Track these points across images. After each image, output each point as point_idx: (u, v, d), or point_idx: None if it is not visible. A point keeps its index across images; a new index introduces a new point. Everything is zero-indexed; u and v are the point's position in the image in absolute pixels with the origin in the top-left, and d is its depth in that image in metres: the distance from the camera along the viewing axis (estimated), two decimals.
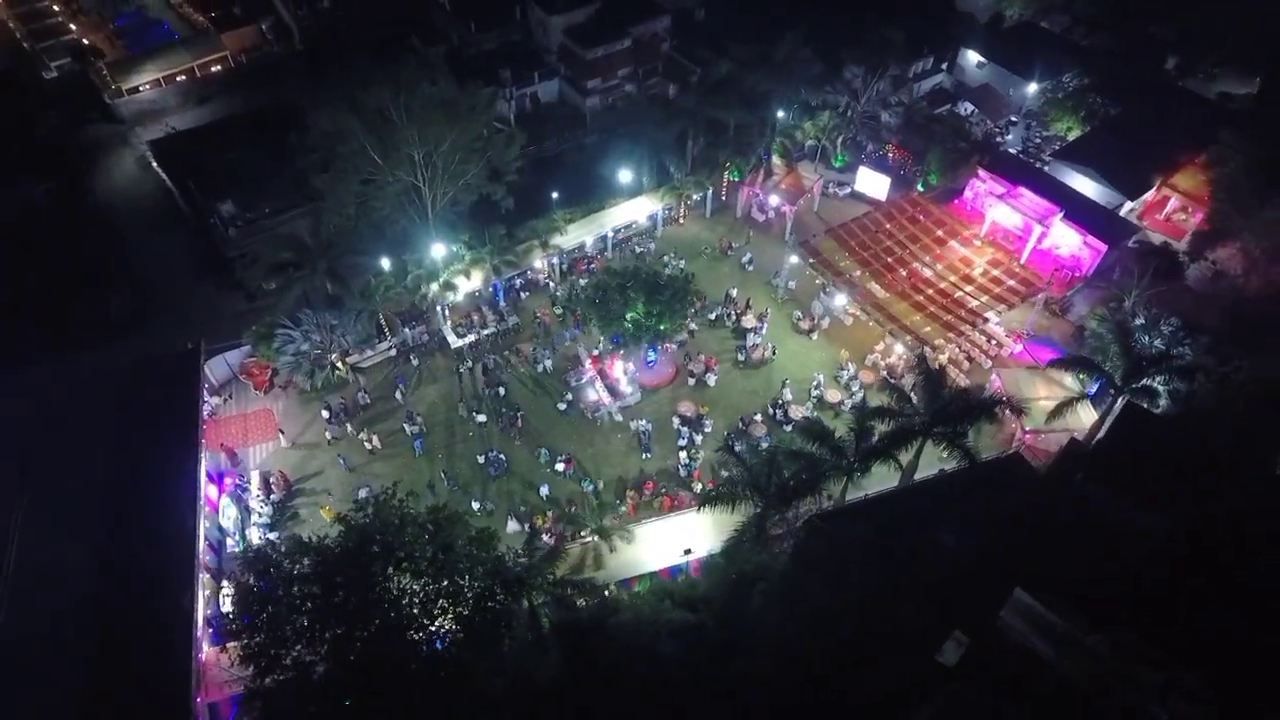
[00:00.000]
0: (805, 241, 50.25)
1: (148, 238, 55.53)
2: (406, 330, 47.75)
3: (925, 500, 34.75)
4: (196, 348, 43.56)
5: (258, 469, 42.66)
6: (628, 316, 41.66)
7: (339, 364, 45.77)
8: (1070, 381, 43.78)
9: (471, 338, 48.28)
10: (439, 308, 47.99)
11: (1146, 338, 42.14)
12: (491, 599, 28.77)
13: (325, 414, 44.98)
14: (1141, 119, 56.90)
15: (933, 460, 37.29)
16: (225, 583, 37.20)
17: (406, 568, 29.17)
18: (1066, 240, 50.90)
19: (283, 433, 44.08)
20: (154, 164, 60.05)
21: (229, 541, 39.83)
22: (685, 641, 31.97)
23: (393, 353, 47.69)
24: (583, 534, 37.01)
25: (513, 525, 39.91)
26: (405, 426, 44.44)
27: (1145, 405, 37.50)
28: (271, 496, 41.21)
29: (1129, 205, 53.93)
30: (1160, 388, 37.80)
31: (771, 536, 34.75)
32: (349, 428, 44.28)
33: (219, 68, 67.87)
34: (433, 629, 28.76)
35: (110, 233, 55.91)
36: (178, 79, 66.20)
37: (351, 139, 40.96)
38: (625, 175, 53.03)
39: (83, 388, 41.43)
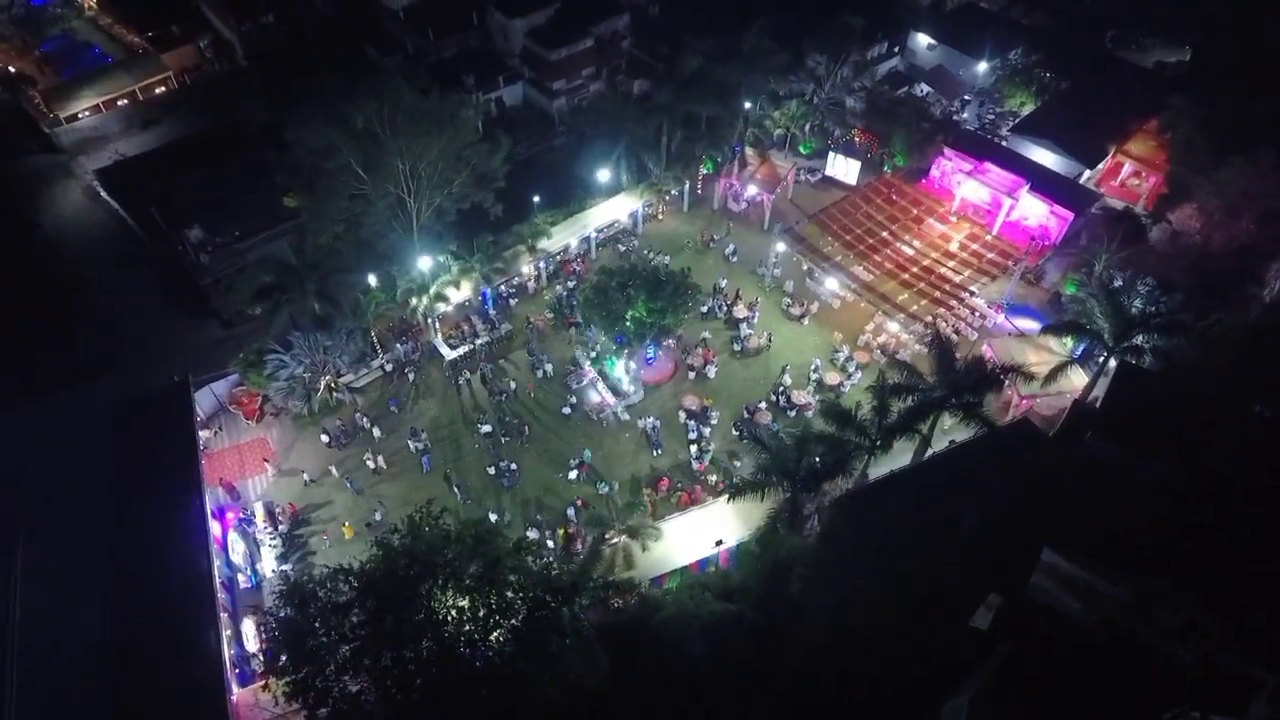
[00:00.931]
0: (790, 229, 50.90)
1: (107, 272, 53.05)
2: (399, 346, 46.72)
3: (944, 472, 35.58)
4: (184, 380, 41.83)
5: (260, 500, 41.24)
6: (630, 315, 41.57)
7: (331, 386, 44.49)
8: (1056, 346, 45.50)
9: (465, 349, 47.54)
10: (430, 320, 47.13)
11: (1124, 298, 43.97)
12: (545, 608, 28.41)
13: (324, 438, 43.75)
14: (1090, 90, 59.41)
15: (937, 434, 38.40)
16: (248, 620, 35.94)
17: (453, 585, 28.63)
18: (1034, 211, 52.75)
19: (268, 462, 42.60)
20: (103, 194, 57.41)
21: (240, 579, 38.43)
22: (728, 632, 32.20)
23: (388, 367, 46.60)
24: (611, 535, 36.79)
25: (532, 534, 39.46)
26: (409, 443, 43.54)
27: (1135, 362, 39.15)
28: (280, 528, 39.87)
29: (1087, 174, 56.21)
30: (1147, 345, 39.51)
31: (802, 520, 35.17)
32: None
33: (162, 89, 65.20)
34: (485, 644, 28.27)
35: (65, 269, 53.28)
36: (119, 103, 63.34)
37: (336, 155, 39.77)
38: (603, 174, 52.93)
39: (68, 432, 39.53)
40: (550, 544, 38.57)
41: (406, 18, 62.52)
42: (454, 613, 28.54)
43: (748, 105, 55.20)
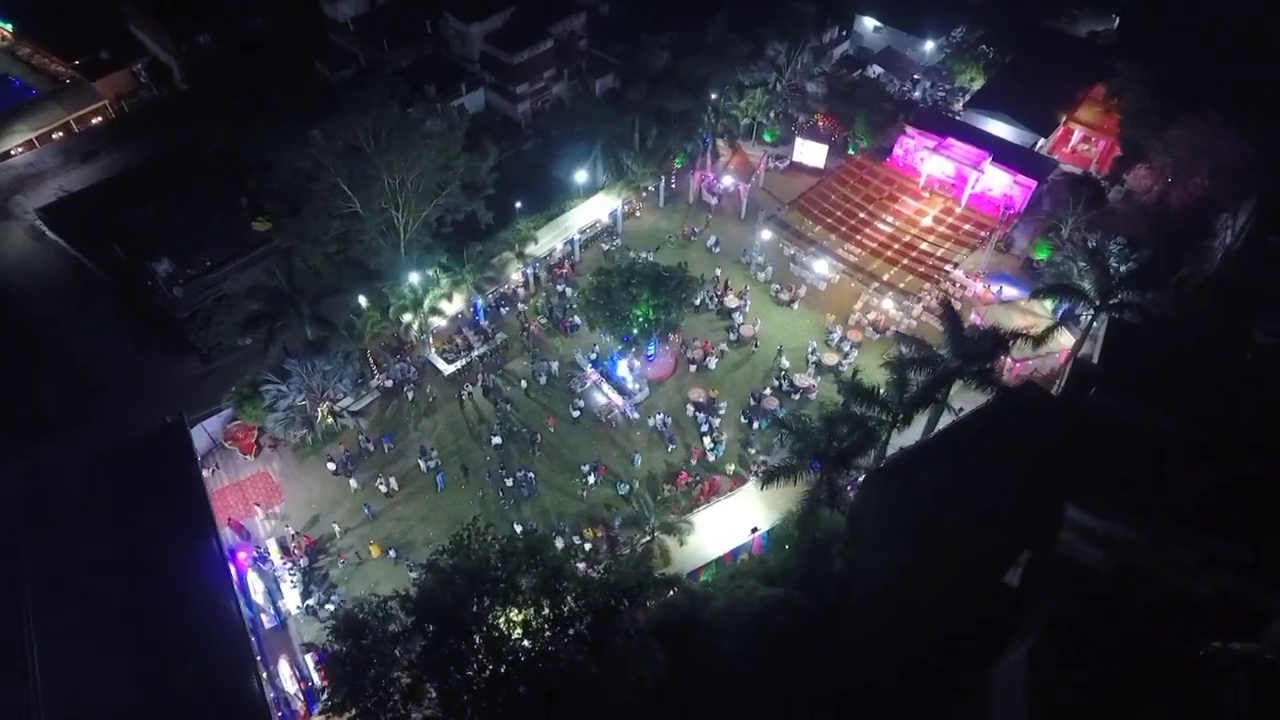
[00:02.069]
0: (773, 216, 51.60)
1: (66, 314, 50.13)
2: (399, 366, 45.65)
3: (963, 440, 36.74)
4: (179, 420, 40.00)
5: (271, 537, 39.80)
6: (636, 313, 41.56)
7: (333, 412, 43.17)
8: (1040, 309, 47.42)
9: (462, 362, 46.77)
10: (425, 336, 46.18)
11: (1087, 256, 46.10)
12: (610, 611, 28.28)
13: (330, 466, 42.48)
14: (1035, 62, 61.89)
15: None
16: (283, 661, 34.73)
17: (513, 600, 28.26)
18: (998, 181, 54.66)
19: (258, 504, 41.07)
20: (49, 233, 54.30)
21: (264, 619, 37.05)
22: (782, 619, 32.60)
23: (388, 384, 45.48)
24: (644, 533, 36.80)
25: (559, 543, 39.13)
26: (420, 462, 42.64)
27: (1120, 318, 41.12)
28: (300, 562, 38.57)
29: (1041, 142, 58.57)
30: (1130, 301, 41.46)
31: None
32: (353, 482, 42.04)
33: (99, 119, 61.97)
34: (554, 655, 27.99)
35: (18, 315, 50.19)
36: (54, 137, 59.99)
37: (324, 174, 38.55)
38: (581, 175, 52.71)
39: (57, 486, 37.34)
40: (588, 547, 38.30)
41: (356, 30, 60.86)
42: (517, 628, 28.23)
43: (714, 97, 55.66)
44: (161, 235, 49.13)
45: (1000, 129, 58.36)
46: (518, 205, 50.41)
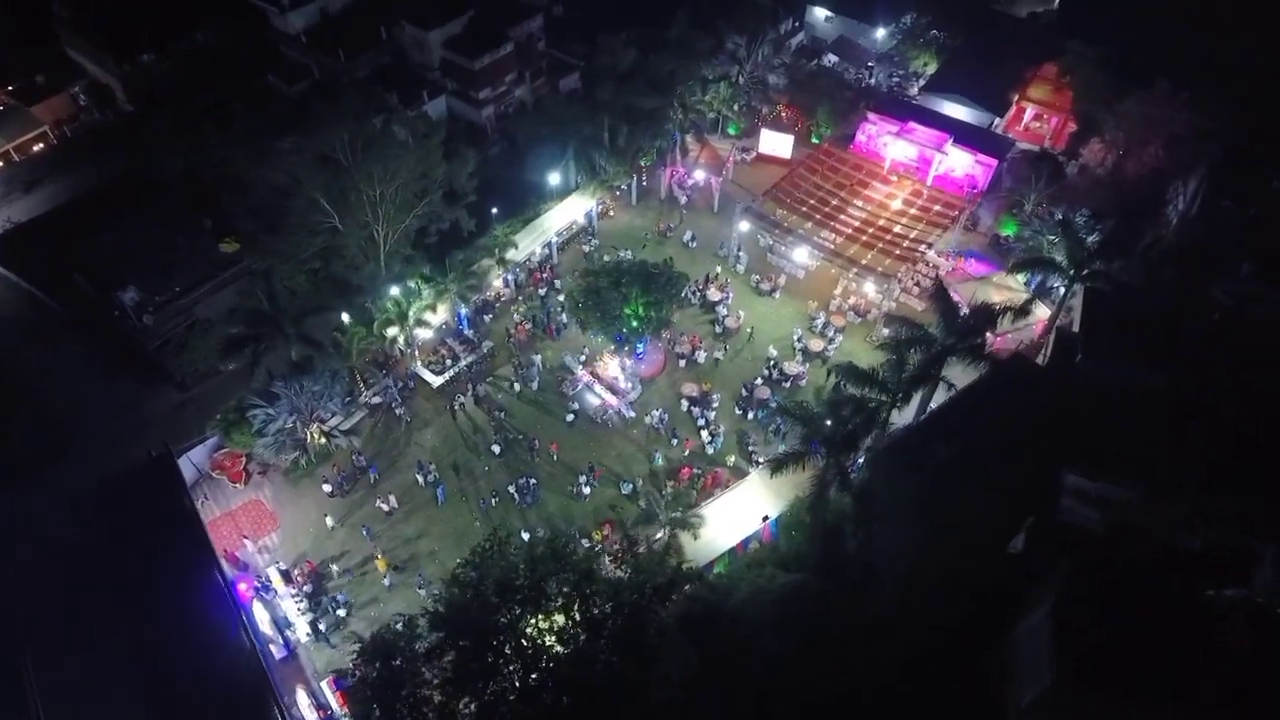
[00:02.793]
0: (750, 207, 52.07)
1: (25, 350, 47.94)
2: (390, 382, 44.82)
3: (960, 415, 37.76)
4: (165, 452, 38.60)
5: (271, 565, 38.71)
6: (628, 311, 41.54)
7: (325, 432, 42.17)
8: (1014, 283, 48.85)
9: (450, 373, 46.15)
10: (411, 349, 45.44)
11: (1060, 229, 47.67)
12: (642, 609, 28.27)
13: (326, 487, 41.56)
14: (984, 44, 63.64)
15: None
16: (300, 691, 33.86)
17: (544, 606, 28.08)
18: (960, 162, 56.04)
19: (247, 539, 39.89)
20: None
21: (273, 649, 36.06)
22: (804, 604, 33.00)
23: (376, 400, 44.63)
24: (658, 529, 36.84)
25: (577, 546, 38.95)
26: (418, 477, 41.97)
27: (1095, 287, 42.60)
28: (304, 588, 37.62)
29: (996, 122, 60.28)
30: (1103, 270, 42.97)
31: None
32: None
33: (40, 146, 59.34)
34: (589, 658, 27.87)
35: None
36: None
37: (302, 191, 37.58)
38: (554, 178, 52.48)
39: (42, 530, 35.71)
40: (608, 549, 38.19)
41: (309, 41, 59.42)
42: (549, 635, 28.06)
43: (680, 92, 55.87)
44: (125, 262, 47.29)
45: (957, 111, 59.84)
46: (493, 211, 49.87)
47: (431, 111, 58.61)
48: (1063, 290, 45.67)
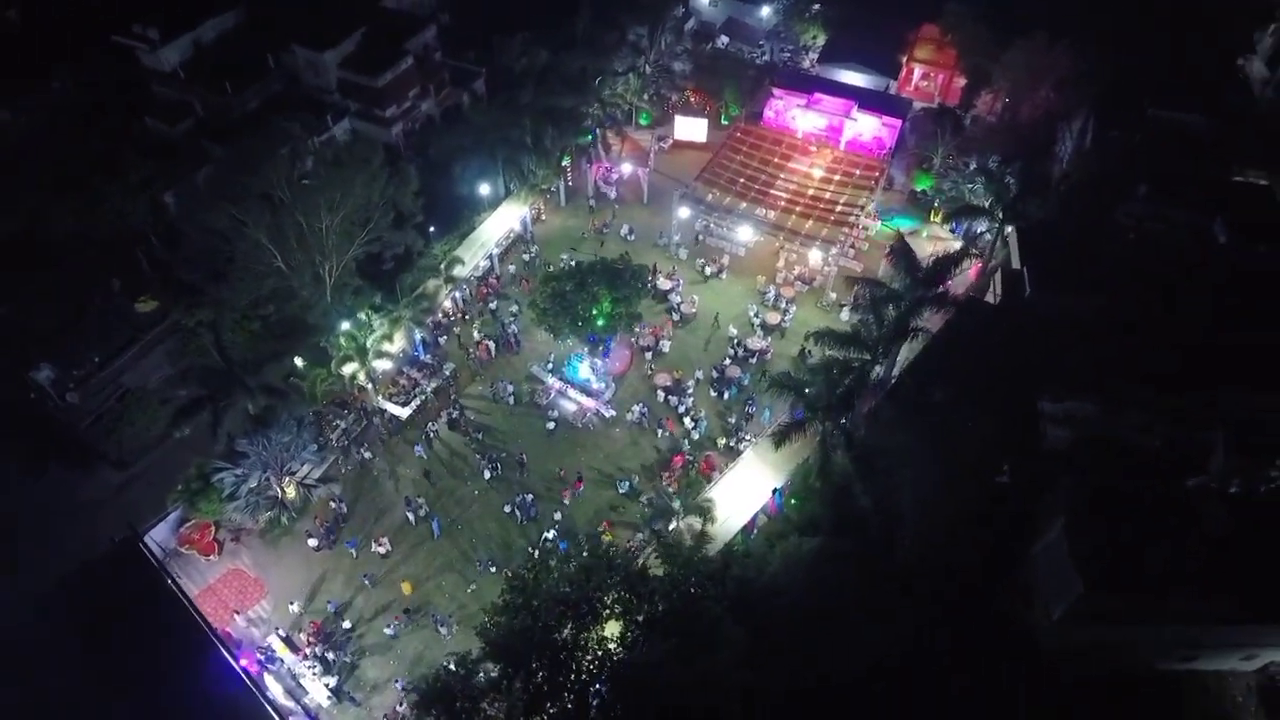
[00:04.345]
0: (685, 194, 52.52)
1: None
2: (341, 423, 42.62)
3: (936, 362, 39.63)
4: (131, 535, 35.31)
5: (272, 635, 36.19)
6: (597, 311, 41.18)
7: (293, 487, 39.65)
8: (942, 233, 51.59)
9: (416, 401, 44.37)
10: (371, 384, 43.33)
11: (981, 176, 50.82)
12: (700, 599, 28.30)
13: (311, 542, 39.17)
14: (865, 12, 66.41)
15: None
16: None
17: (603, 615, 27.66)
18: (867, 126, 58.59)
19: (238, 614, 37.23)
20: None
21: None
22: (833, 567, 33.85)
23: (345, 441, 42.38)
24: (672, 521, 36.81)
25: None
26: (408, 515, 40.23)
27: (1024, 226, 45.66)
28: (314, 650, 35.37)
29: (891, 84, 63.32)
30: (1025, 209, 46.12)
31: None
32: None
33: None
34: (656, 662, 27.65)
35: None
36: None
37: (248, 234, 35.08)
38: (484, 188, 51.28)
39: (18, 634, 31.93)
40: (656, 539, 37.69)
41: (188, 76, 55.30)
42: (611, 642, 27.67)
43: (595, 85, 55.70)
44: (29, 339, 42.71)
45: (854, 78, 62.46)
46: (431, 229, 48.16)
47: (338, 135, 55.98)
48: (988, 234, 48.71)
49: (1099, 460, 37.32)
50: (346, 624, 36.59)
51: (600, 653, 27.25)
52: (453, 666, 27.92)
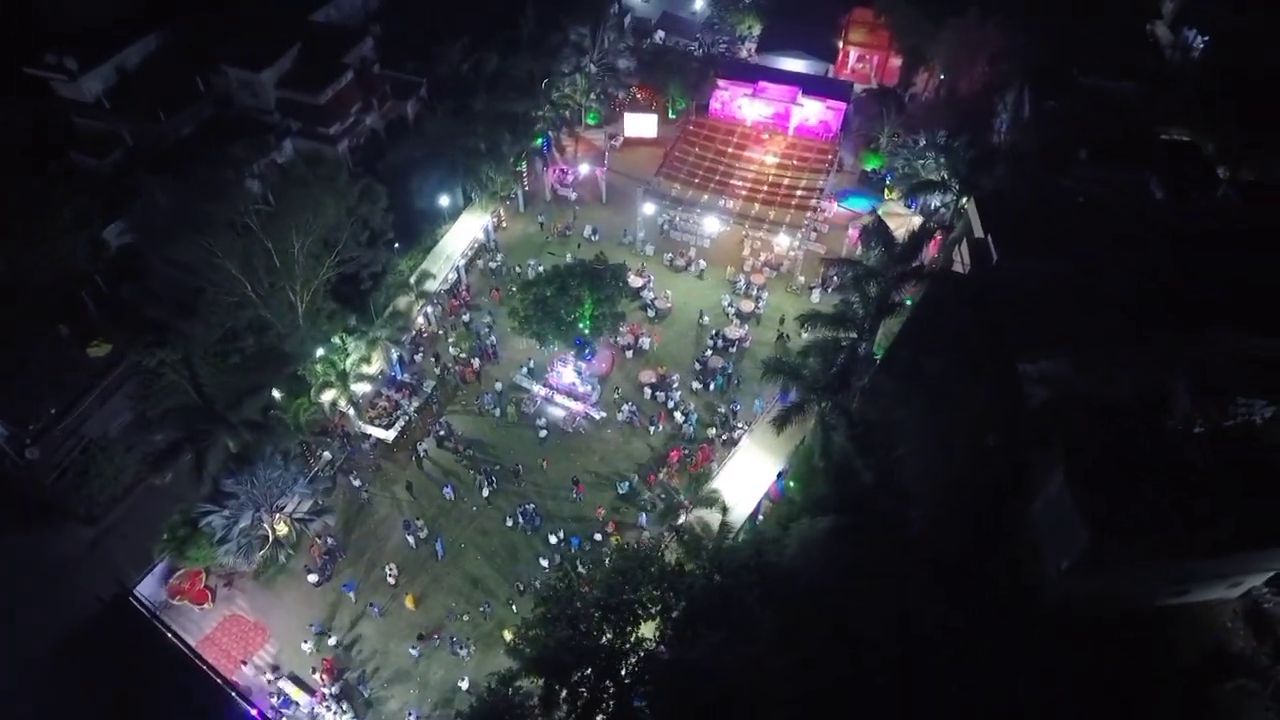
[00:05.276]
0: (648, 190, 52.53)
1: None
2: (326, 453, 41.26)
3: (918, 333, 40.71)
4: (121, 592, 33.40)
5: (284, 678, 34.76)
6: (582, 313, 40.87)
7: (286, 523, 38.14)
8: (900, 210, 52.95)
9: (401, 423, 43.23)
10: (352, 409, 42.02)
11: (932, 152, 52.39)
12: (733, 590, 28.44)
13: (312, 577, 37.78)
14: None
15: None
16: None
17: (640, 615, 27.54)
18: (812, 110, 59.74)
19: (244, 663, 35.60)
20: None
21: None
22: (845, 544, 34.46)
23: (332, 470, 41.00)
24: (681, 516, 36.84)
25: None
26: (408, 538, 39.20)
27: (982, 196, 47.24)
28: (331, 689, 34.12)
29: (829, 69, 64.68)
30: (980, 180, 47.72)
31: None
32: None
33: None
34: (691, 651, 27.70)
35: None
36: None
37: (219, 264, 33.50)
38: (443, 199, 50.29)
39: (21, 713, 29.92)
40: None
41: (113, 106, 52.45)
42: (651, 641, 27.61)
43: (543, 87, 55.25)
44: None
45: (794, 64, 63.57)
46: (395, 245, 46.89)
47: (279, 157, 53.95)
48: (944, 208, 50.24)
49: (1080, 415, 38.98)
50: (360, 655, 35.43)
51: (642, 653, 27.09)
52: (495, 686, 27.27)
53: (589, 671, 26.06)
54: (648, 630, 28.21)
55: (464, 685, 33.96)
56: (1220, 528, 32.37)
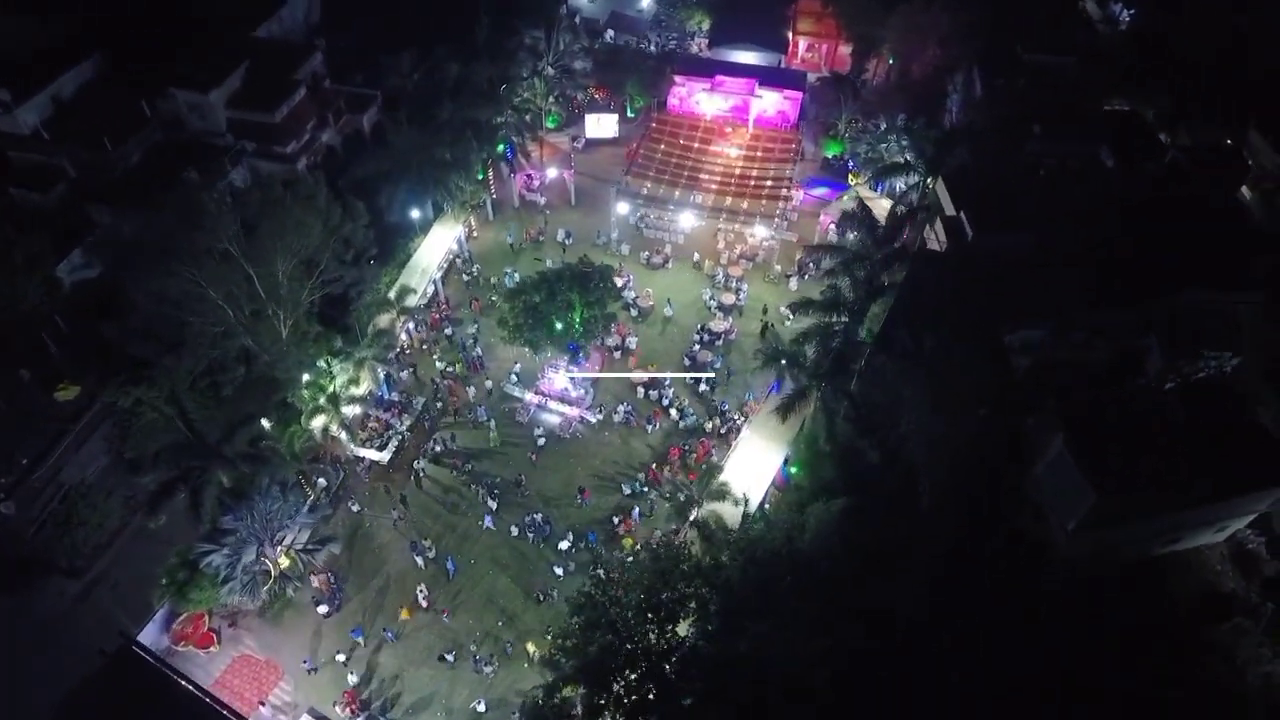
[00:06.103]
0: (621, 190, 52.43)
1: None
2: (321, 480, 40.17)
3: (906, 312, 41.56)
4: (126, 643, 31.91)
5: (306, 715, 33.72)
6: (573, 317, 40.59)
7: (290, 556, 36.95)
8: (866, 191, 53.99)
9: (395, 443, 42.33)
10: (344, 432, 40.93)
11: (894, 135, 53.56)
12: (770, 580, 28.64)
13: (322, 609, 36.70)
14: None
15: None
16: None
17: (679, 613, 27.55)
18: (770, 101, 60.42)
19: (262, 705, 34.40)
20: None
21: None
22: (856, 524, 35.02)
23: (328, 498, 39.93)
24: (693, 512, 36.95)
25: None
26: (416, 559, 38.41)
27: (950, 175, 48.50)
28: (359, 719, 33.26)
29: (781, 59, 65.50)
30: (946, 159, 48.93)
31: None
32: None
33: None
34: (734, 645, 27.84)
35: None
36: None
37: (206, 294, 32.21)
38: (414, 212, 49.34)
39: None
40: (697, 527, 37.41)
41: (53, 137, 49.95)
42: (690, 637, 27.66)
43: (504, 92, 54.63)
44: None
45: (747, 57, 64.16)
46: (371, 262, 45.80)
47: (237, 179, 52.17)
48: (908, 188, 51.36)
49: (1065, 379, 40.44)
50: (381, 683, 34.60)
51: (685, 651, 27.11)
52: (542, 699, 26.90)
53: (633, 676, 25.91)
54: (682, 628, 28.22)
55: (480, 707, 33.43)
56: (1207, 477, 33.88)
